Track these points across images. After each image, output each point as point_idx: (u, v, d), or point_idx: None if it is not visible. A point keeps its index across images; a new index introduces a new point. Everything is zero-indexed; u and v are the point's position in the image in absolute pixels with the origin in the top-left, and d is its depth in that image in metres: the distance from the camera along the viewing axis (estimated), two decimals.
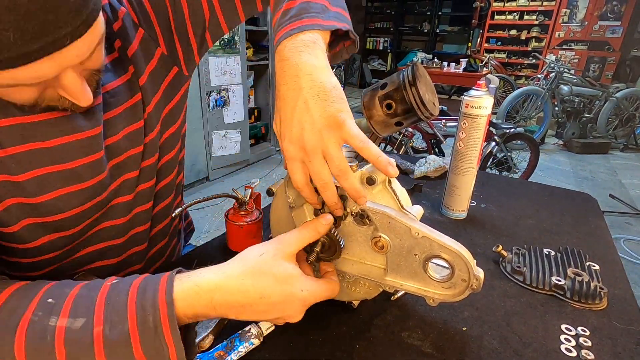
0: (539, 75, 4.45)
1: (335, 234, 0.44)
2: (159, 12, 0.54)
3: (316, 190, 0.44)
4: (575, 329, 0.51)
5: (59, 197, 0.47)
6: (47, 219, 0.48)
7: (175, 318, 0.34)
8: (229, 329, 0.49)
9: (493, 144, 2.73)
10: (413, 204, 0.50)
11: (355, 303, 0.53)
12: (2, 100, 0.41)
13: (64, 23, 0.33)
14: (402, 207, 0.47)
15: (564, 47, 5.76)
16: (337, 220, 0.45)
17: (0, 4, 0.29)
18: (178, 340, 0.34)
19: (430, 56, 5.76)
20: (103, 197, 0.52)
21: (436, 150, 2.91)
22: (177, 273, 0.38)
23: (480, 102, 0.71)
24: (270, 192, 0.53)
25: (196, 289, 0.36)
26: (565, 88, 4.08)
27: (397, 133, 2.67)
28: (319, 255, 0.45)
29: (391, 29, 7.72)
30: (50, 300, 0.35)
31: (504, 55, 6.52)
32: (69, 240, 0.52)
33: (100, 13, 0.37)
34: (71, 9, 0.33)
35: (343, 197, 0.45)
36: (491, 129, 2.71)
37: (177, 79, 0.59)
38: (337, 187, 0.44)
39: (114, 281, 0.37)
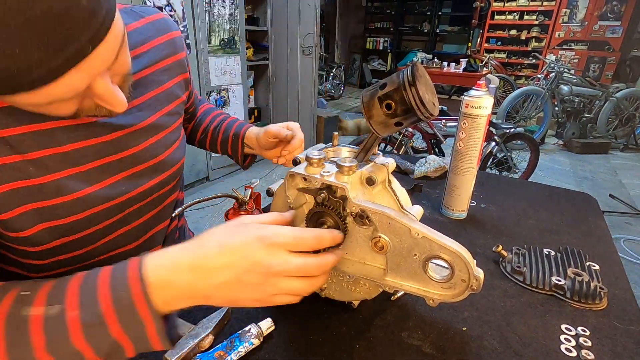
0: (539, 75, 4.45)
1: (343, 221, 0.45)
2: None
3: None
4: (575, 329, 0.51)
5: (74, 200, 0.48)
6: (60, 222, 0.48)
7: (147, 292, 0.34)
8: (229, 330, 0.49)
9: (493, 144, 2.73)
10: (413, 204, 0.50)
11: (355, 303, 0.53)
12: (16, 108, 0.41)
13: (82, 30, 0.33)
14: (402, 207, 0.47)
15: (564, 47, 5.76)
16: (341, 214, 0.46)
17: (16, 22, 0.29)
18: (155, 315, 0.34)
19: (430, 56, 5.76)
20: (119, 201, 0.53)
21: (436, 150, 2.91)
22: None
23: (480, 102, 0.71)
24: (270, 192, 0.53)
25: (163, 255, 0.37)
26: (565, 88, 4.08)
27: (397, 133, 2.67)
28: None
29: (391, 29, 7.72)
30: (25, 292, 0.35)
31: (504, 55, 6.53)
32: (82, 243, 0.53)
33: (117, 13, 0.38)
34: (85, 14, 0.33)
35: (343, 198, 0.45)
36: (491, 129, 2.71)
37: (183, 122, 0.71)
38: (329, 186, 0.44)
39: (87, 272, 0.38)
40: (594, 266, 0.64)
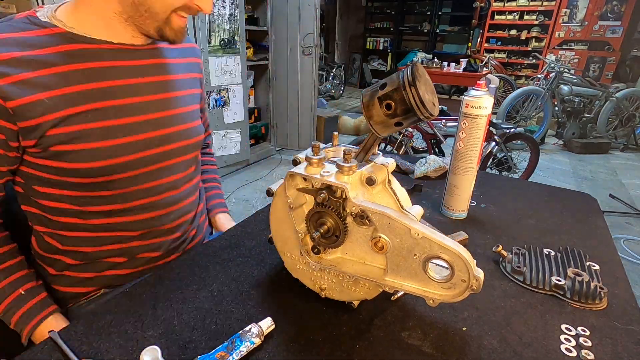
0: (539, 75, 4.45)
1: (343, 221, 0.45)
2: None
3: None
4: (575, 329, 0.51)
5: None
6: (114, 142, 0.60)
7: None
8: (229, 331, 0.49)
9: (493, 144, 2.73)
10: (413, 204, 0.50)
11: (355, 303, 0.53)
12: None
13: None
14: (402, 208, 0.47)
15: (564, 47, 5.76)
16: (341, 214, 0.46)
17: None
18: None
19: (430, 56, 5.75)
20: (154, 152, 0.65)
21: (436, 150, 2.91)
22: None
23: (480, 102, 0.71)
24: (270, 192, 0.53)
25: None
26: (565, 88, 4.09)
27: (397, 133, 2.67)
28: (321, 238, 0.47)
29: (391, 29, 7.72)
30: None
31: (504, 55, 6.53)
32: (125, 183, 0.63)
33: None
34: None
35: (343, 198, 0.45)
36: (491, 129, 2.71)
37: None
38: (329, 186, 0.44)
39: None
40: (594, 266, 0.64)
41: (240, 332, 0.46)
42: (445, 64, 5.04)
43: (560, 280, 0.58)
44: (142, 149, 0.63)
